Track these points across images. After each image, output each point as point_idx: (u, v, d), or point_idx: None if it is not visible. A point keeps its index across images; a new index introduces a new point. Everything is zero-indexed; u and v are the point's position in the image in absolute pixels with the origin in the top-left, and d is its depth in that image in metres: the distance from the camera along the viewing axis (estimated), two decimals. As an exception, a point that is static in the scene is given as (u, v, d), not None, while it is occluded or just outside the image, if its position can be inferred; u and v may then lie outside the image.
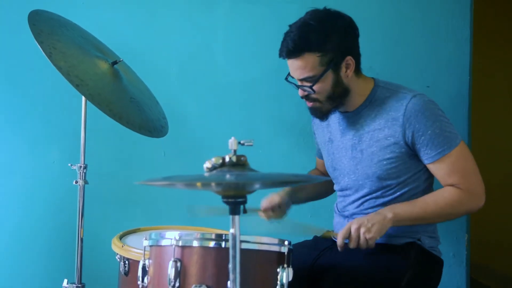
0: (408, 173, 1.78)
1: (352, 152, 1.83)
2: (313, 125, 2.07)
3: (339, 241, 1.69)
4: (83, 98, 2.00)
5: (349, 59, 1.76)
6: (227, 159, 1.25)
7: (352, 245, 1.67)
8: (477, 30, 2.48)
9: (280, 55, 1.77)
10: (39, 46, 1.72)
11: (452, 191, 1.72)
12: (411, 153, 1.76)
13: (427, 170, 1.79)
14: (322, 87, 1.75)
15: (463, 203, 1.72)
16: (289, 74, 1.79)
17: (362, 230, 1.65)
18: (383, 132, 1.77)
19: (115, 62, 1.97)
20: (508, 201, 3.81)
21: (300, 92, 1.80)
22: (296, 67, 1.74)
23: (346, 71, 1.76)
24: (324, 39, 1.71)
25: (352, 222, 1.69)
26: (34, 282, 2.37)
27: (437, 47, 2.43)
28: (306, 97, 1.79)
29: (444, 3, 2.42)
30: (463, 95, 2.41)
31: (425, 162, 1.75)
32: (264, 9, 2.41)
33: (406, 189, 1.79)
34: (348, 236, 1.68)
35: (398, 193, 1.79)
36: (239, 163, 1.24)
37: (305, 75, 1.74)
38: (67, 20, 2.05)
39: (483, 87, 3.39)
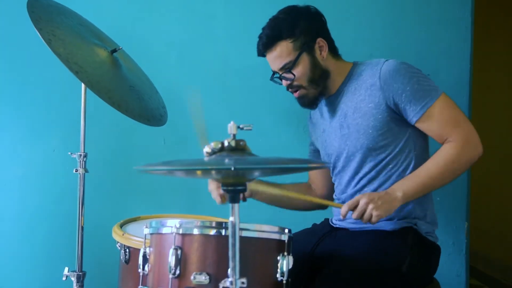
0: (396, 143, 1.78)
1: (341, 131, 1.87)
2: (310, 131, 2.09)
3: (344, 210, 1.67)
4: (83, 86, 1.99)
5: (320, 41, 1.86)
6: (226, 143, 1.24)
7: (355, 215, 1.65)
8: (477, 17, 2.47)
9: (259, 54, 1.89)
10: (38, 33, 1.71)
11: (447, 147, 1.74)
12: (396, 116, 1.78)
13: (416, 141, 1.80)
14: (301, 71, 1.84)
15: (461, 155, 1.73)
16: (273, 74, 1.89)
17: (370, 206, 1.64)
18: (364, 102, 1.81)
19: (114, 50, 1.96)
20: (507, 189, 3.82)
21: (284, 83, 1.88)
22: (274, 58, 1.85)
23: (320, 53, 1.86)
24: (292, 25, 1.83)
25: (362, 195, 1.67)
26: (35, 270, 2.37)
27: (437, 35, 2.42)
28: (290, 86, 1.88)
29: (445, -9, 2.42)
30: (463, 83, 2.40)
31: (413, 120, 1.76)
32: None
33: (398, 166, 1.79)
34: (354, 207, 1.66)
35: (392, 171, 1.80)
36: (238, 148, 1.24)
37: (283, 62, 1.84)
38: (65, 7, 2.04)
39: (483, 74, 3.39)
